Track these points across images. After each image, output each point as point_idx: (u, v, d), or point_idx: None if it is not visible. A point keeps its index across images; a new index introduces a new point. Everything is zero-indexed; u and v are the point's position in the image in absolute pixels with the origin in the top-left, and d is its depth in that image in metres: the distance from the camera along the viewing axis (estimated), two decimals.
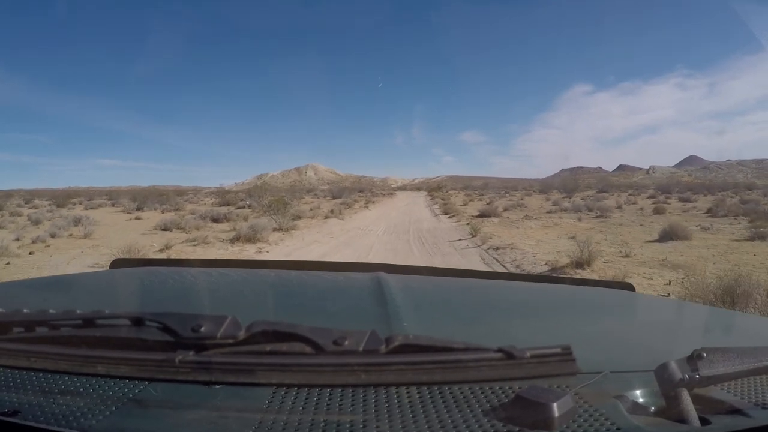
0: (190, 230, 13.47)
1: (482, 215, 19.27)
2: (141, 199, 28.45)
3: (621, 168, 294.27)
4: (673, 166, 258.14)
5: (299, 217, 18.88)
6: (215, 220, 16.35)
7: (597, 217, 17.75)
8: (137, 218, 19.56)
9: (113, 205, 30.56)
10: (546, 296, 1.43)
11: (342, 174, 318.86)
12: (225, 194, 43.06)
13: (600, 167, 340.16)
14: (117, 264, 1.68)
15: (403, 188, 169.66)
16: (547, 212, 21.03)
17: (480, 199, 37.06)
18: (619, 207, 22.94)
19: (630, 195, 39.19)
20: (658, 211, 19.40)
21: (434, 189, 66.67)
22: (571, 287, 1.64)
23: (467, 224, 15.62)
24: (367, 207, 29.79)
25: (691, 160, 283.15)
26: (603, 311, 1.28)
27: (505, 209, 22.28)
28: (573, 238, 10.37)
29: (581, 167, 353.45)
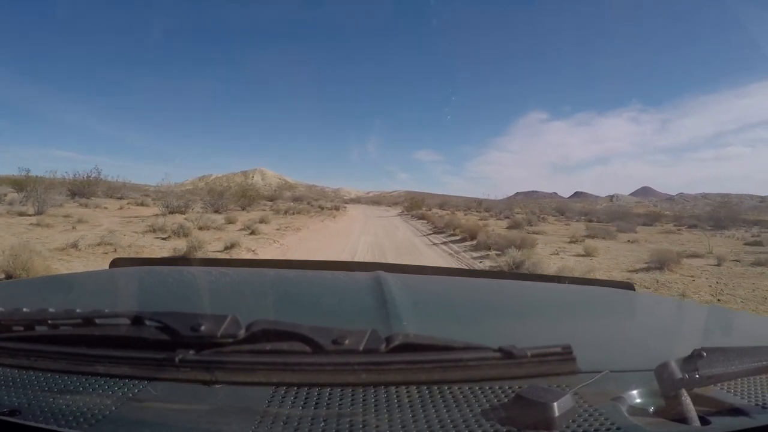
0: None
1: None
2: None
3: (578, 194, 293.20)
4: (630, 195, 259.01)
5: None
6: None
7: None
8: None
9: None
10: (546, 295, 1.42)
11: (291, 181, 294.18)
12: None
13: (555, 192, 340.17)
14: (116, 263, 1.61)
15: (357, 200, 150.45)
16: None
17: (566, 226, 15.26)
18: None
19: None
20: None
21: (414, 206, 40.61)
22: (571, 287, 1.61)
23: None
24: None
25: (645, 191, 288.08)
26: (603, 310, 1.27)
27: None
28: None
29: (536, 191, 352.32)
